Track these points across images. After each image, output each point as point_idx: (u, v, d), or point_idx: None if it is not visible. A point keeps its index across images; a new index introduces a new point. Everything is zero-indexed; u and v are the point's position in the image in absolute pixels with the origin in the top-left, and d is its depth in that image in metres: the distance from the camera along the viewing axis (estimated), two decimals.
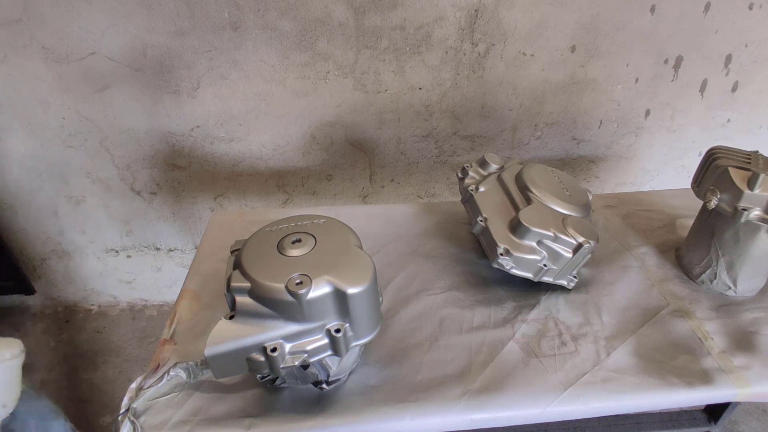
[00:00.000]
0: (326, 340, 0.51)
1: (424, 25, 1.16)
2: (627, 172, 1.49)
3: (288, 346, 0.50)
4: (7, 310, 1.60)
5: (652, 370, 0.64)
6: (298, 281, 0.48)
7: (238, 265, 0.53)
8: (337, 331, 0.50)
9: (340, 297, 0.49)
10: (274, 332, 0.49)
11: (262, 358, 0.49)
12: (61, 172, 1.31)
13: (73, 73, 1.16)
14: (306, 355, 0.50)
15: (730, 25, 1.24)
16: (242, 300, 0.50)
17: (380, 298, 0.57)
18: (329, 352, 0.52)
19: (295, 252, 0.52)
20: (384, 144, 1.33)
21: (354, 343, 0.52)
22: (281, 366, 0.49)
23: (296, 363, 0.50)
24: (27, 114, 1.21)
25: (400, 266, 0.81)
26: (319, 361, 0.53)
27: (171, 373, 0.58)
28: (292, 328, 0.50)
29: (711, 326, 0.71)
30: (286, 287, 0.48)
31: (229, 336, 0.49)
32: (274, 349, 0.49)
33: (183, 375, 0.59)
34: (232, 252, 0.58)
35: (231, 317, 0.50)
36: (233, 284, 0.50)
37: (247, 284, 0.50)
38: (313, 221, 0.58)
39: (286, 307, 0.49)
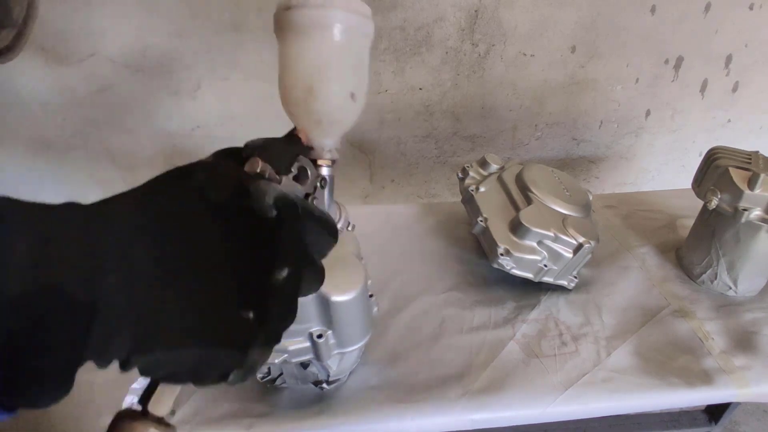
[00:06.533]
0: (308, 344, 0.51)
1: (425, 26, 1.16)
2: (627, 172, 1.49)
3: None
4: None
5: (652, 371, 0.64)
6: None
7: None
8: (319, 336, 0.50)
9: (323, 303, 0.48)
10: None
11: None
12: (62, 173, 1.31)
13: (73, 75, 1.16)
14: (287, 355, 0.50)
15: (731, 25, 1.24)
16: None
17: (374, 309, 0.56)
18: (311, 356, 0.52)
19: None
20: (384, 144, 1.33)
21: (336, 351, 0.52)
22: None
23: (276, 361, 0.50)
24: (27, 115, 1.21)
25: (400, 266, 0.81)
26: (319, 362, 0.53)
27: None
28: None
29: (711, 326, 0.71)
30: None
31: None
32: None
33: None
34: None
35: None
36: None
37: None
38: None
39: None
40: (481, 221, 0.74)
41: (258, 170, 0.32)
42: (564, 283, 0.74)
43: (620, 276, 0.80)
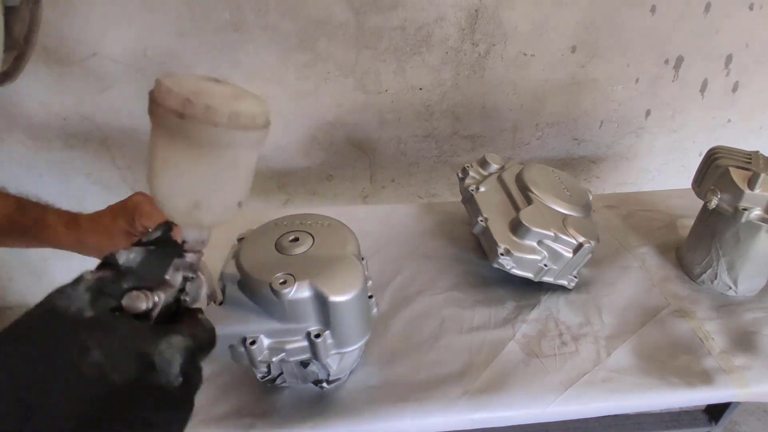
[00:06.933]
0: (306, 343, 0.51)
1: (425, 26, 1.16)
2: (627, 172, 1.49)
3: (267, 342, 0.50)
4: (9, 310, 1.60)
5: (652, 370, 0.64)
6: (282, 280, 0.48)
7: (236, 255, 0.53)
8: (317, 336, 0.50)
9: (321, 303, 0.48)
10: (256, 326, 0.50)
11: (242, 349, 0.50)
12: (62, 173, 1.31)
13: (74, 74, 1.16)
14: (284, 353, 0.50)
15: (731, 25, 1.24)
16: (231, 289, 0.51)
17: (374, 309, 0.56)
18: (309, 355, 0.52)
19: (289, 250, 0.52)
20: (384, 144, 1.33)
21: (334, 351, 0.52)
22: (258, 359, 0.50)
23: (273, 359, 0.50)
24: (28, 115, 1.21)
25: (400, 266, 0.81)
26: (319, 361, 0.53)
27: None
28: (274, 325, 0.50)
29: (711, 326, 0.71)
30: (270, 284, 0.48)
31: (214, 320, 0.49)
32: (252, 342, 0.49)
33: None
34: (239, 240, 0.58)
35: (220, 303, 0.51)
36: (225, 272, 0.51)
37: (238, 274, 0.50)
38: (317, 222, 0.57)
39: (269, 303, 0.49)
40: (482, 221, 0.74)
41: (143, 308, 0.31)
42: (564, 282, 0.74)
43: (620, 276, 0.80)
